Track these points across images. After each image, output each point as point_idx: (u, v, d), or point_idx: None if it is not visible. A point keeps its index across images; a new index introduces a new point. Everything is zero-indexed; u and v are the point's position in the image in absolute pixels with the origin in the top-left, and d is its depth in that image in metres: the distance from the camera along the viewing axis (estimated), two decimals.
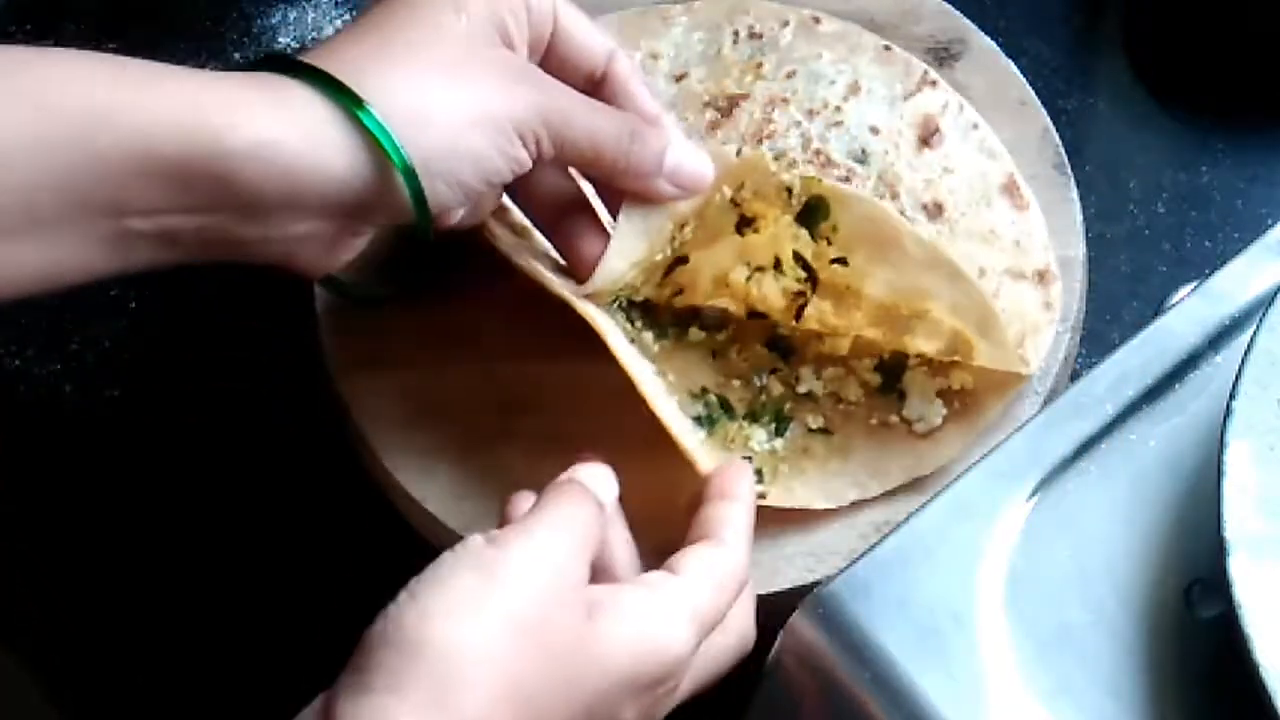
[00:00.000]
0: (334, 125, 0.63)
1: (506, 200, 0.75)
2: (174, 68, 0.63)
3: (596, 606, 0.58)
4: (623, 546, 0.64)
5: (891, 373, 0.74)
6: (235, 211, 0.63)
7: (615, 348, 0.71)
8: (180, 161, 0.61)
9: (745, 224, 0.74)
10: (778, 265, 0.74)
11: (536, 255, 0.74)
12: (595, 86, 0.71)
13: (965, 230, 0.76)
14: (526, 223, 0.76)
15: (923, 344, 0.72)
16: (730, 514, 0.64)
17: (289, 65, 0.64)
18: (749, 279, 0.74)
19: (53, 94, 0.60)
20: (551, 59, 0.70)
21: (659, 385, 0.73)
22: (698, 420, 0.74)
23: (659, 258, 0.73)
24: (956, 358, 0.72)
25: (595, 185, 0.74)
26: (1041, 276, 0.75)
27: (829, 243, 0.73)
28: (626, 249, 0.72)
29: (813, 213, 0.73)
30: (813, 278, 0.74)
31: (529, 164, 0.67)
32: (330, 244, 0.66)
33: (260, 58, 0.65)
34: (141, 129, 0.60)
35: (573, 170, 0.73)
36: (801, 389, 0.74)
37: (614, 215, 0.73)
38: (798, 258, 0.73)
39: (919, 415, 0.73)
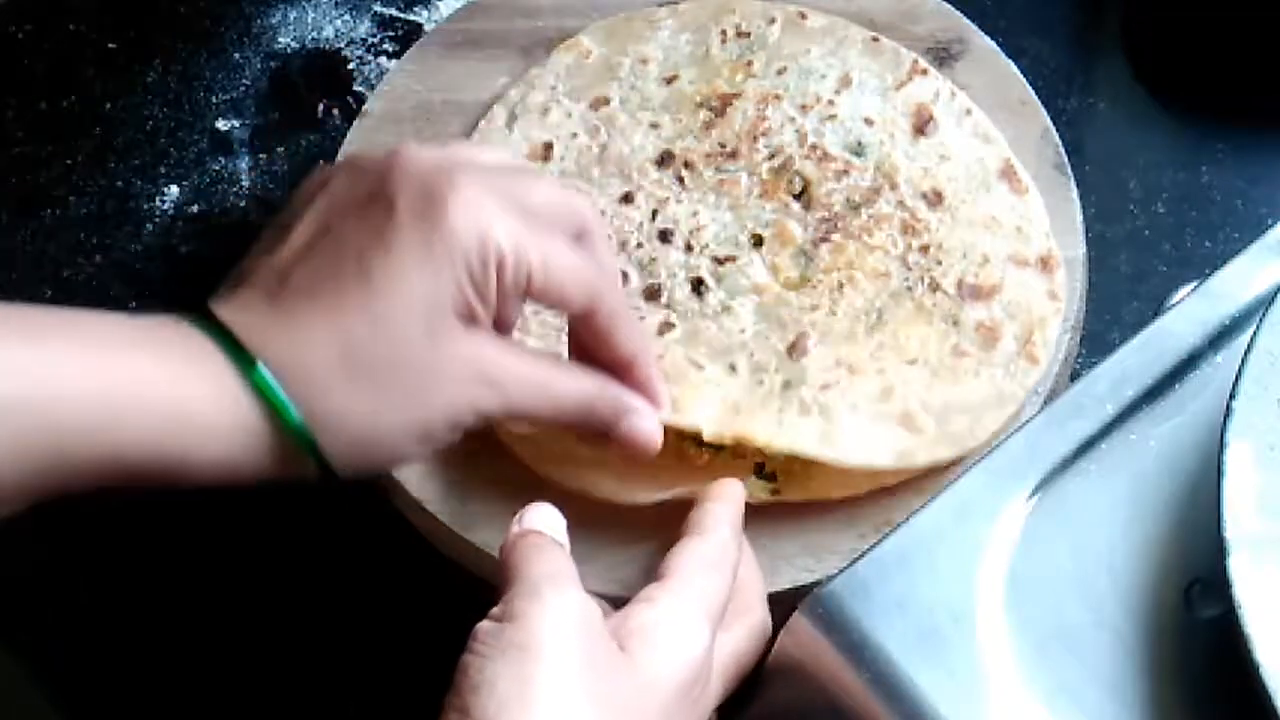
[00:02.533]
0: (282, 447, 0.61)
1: None
2: (143, 374, 0.59)
3: (623, 638, 0.59)
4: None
5: None
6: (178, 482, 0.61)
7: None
8: (143, 469, 0.60)
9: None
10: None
11: None
12: (580, 321, 0.66)
13: (966, 218, 0.76)
14: None
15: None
16: (711, 509, 0.66)
17: (238, 350, 0.60)
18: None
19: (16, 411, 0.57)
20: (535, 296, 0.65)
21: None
22: None
23: None
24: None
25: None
26: (1045, 263, 0.75)
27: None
28: None
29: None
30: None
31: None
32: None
33: (214, 324, 0.61)
34: (111, 448, 0.58)
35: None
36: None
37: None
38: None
39: None
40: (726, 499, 0.67)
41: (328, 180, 0.64)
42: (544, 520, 0.63)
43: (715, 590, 0.62)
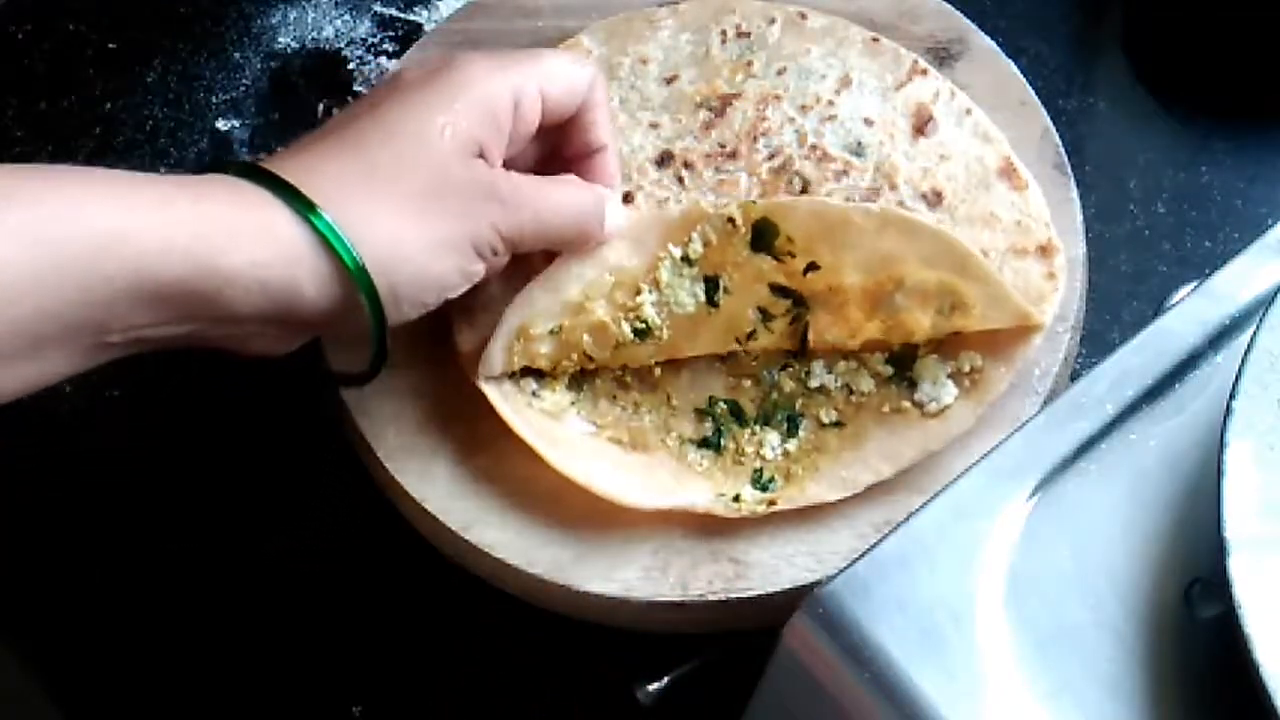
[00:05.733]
0: (314, 256, 0.65)
1: None
2: (164, 184, 0.64)
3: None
4: None
5: (902, 362, 0.74)
6: (211, 322, 0.65)
7: (552, 459, 0.72)
8: (177, 286, 0.62)
9: (712, 288, 0.74)
10: (763, 317, 0.74)
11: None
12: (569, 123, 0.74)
13: (966, 216, 0.76)
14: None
15: (920, 316, 0.72)
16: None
17: (273, 181, 0.65)
18: (745, 353, 0.74)
19: (58, 225, 0.60)
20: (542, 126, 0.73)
21: (641, 421, 0.74)
22: (704, 442, 0.73)
23: (600, 312, 0.74)
24: (959, 322, 0.72)
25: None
26: (1044, 250, 0.75)
27: (792, 255, 0.73)
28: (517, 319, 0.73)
29: (764, 236, 0.74)
30: (798, 300, 0.74)
31: (482, 274, 0.70)
32: (285, 339, 0.69)
33: (244, 165, 0.66)
34: (145, 255, 0.62)
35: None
36: (813, 383, 0.74)
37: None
38: (775, 289, 0.74)
39: (931, 398, 0.73)
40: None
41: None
42: None
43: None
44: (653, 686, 0.73)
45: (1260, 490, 0.59)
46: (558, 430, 0.73)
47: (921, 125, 0.79)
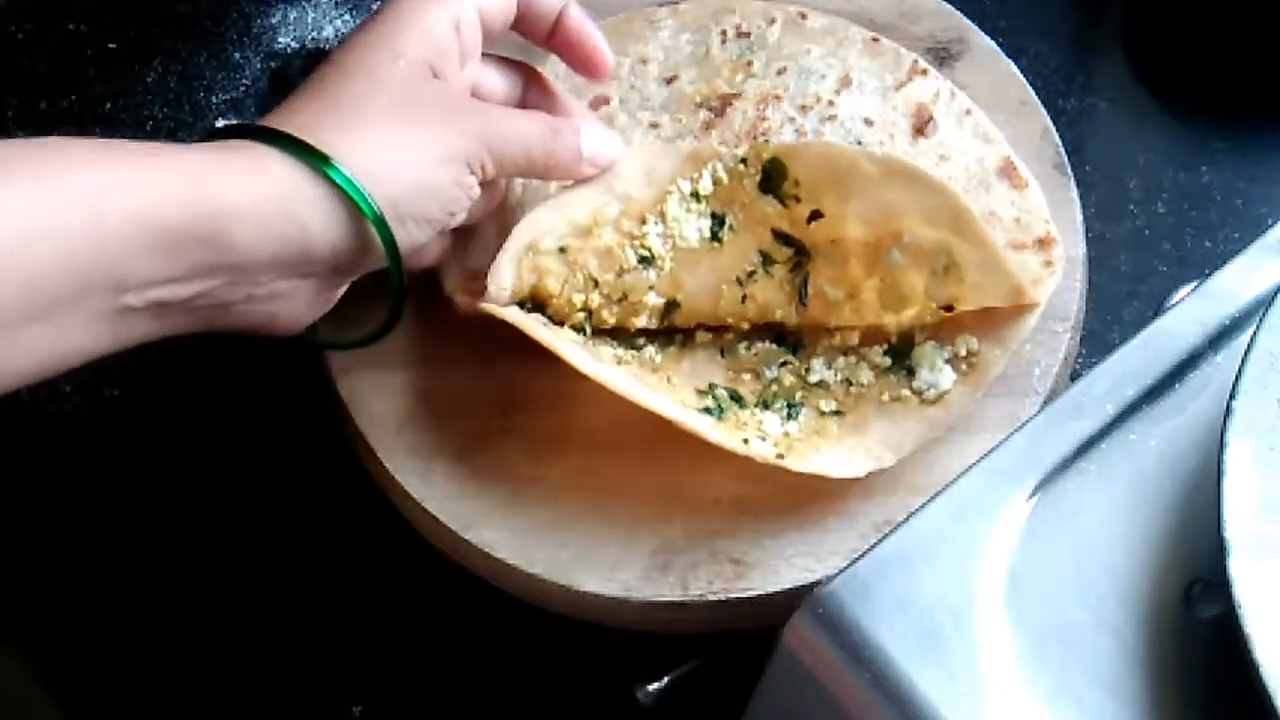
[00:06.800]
0: (309, 185, 0.66)
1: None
2: (162, 144, 0.66)
3: None
4: None
5: (900, 354, 0.74)
6: (225, 274, 0.65)
7: (578, 362, 0.71)
8: (182, 227, 0.63)
9: (717, 226, 0.74)
10: (764, 260, 0.74)
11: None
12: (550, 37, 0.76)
13: None
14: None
15: (915, 276, 0.73)
16: None
17: (257, 132, 0.67)
18: (743, 299, 0.74)
19: (66, 178, 0.61)
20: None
21: (645, 385, 0.74)
22: (706, 411, 0.73)
23: (607, 237, 0.74)
24: (953, 289, 0.73)
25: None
26: (1042, 243, 0.75)
27: (798, 200, 0.74)
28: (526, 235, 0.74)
29: (772, 178, 0.74)
30: (800, 249, 0.74)
31: (478, 189, 0.71)
32: (309, 300, 0.69)
33: (227, 127, 0.68)
34: (149, 199, 0.62)
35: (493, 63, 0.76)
36: (813, 379, 0.74)
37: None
38: (778, 236, 0.74)
39: (930, 384, 0.73)
40: None
41: None
42: None
43: None
44: (653, 686, 0.73)
45: (1260, 490, 0.59)
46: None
47: (921, 125, 0.79)
